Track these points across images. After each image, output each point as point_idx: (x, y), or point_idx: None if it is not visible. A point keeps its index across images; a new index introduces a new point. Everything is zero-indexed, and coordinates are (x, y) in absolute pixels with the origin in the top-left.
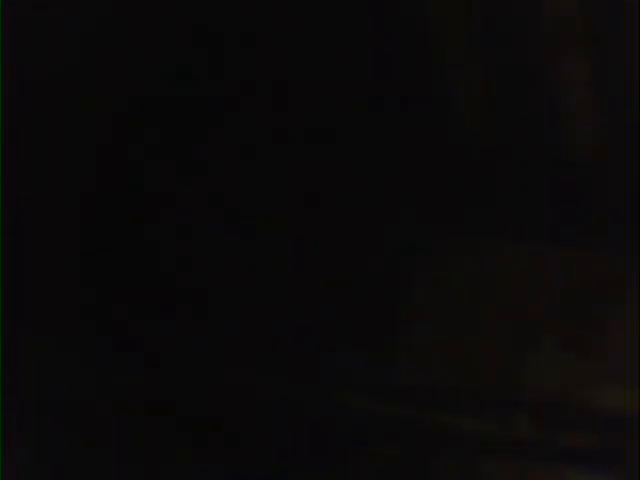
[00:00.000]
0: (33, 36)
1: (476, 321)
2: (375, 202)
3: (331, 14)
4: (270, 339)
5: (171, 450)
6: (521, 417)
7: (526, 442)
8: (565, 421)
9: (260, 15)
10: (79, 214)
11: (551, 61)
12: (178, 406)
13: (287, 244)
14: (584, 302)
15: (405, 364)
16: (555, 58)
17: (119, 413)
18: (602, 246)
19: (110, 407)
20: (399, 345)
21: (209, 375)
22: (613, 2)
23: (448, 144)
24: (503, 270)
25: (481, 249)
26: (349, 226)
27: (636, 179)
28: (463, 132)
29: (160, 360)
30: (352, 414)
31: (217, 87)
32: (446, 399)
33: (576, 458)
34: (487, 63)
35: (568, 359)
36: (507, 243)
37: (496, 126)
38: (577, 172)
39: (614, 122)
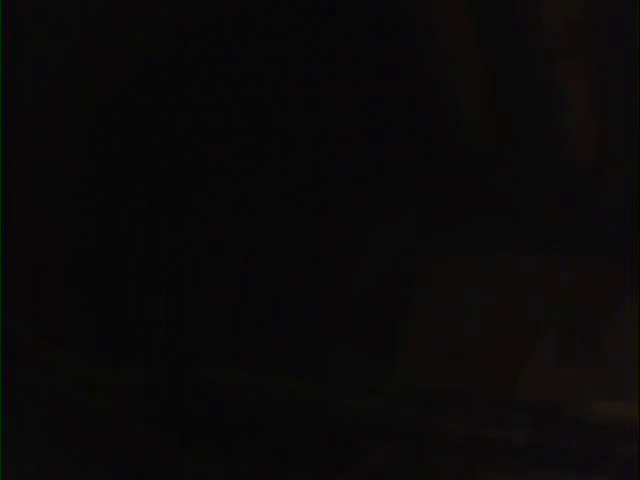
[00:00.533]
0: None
1: (475, 325)
2: (376, 204)
3: (330, 15)
4: (270, 340)
5: (172, 450)
6: (519, 420)
7: (524, 445)
8: (562, 425)
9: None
10: (79, 214)
11: (551, 64)
12: (179, 406)
13: (288, 245)
14: (583, 307)
15: (404, 366)
16: (556, 61)
17: (119, 413)
18: (602, 253)
19: (110, 407)
20: (398, 347)
21: (208, 375)
22: (614, 5)
23: (448, 148)
24: (502, 274)
25: (480, 253)
26: (350, 227)
27: (635, 186)
28: (463, 136)
29: (161, 360)
30: (351, 415)
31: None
32: (444, 402)
33: (573, 462)
34: (487, 64)
35: (566, 363)
36: (506, 247)
37: (496, 131)
38: (577, 178)
39: (614, 126)
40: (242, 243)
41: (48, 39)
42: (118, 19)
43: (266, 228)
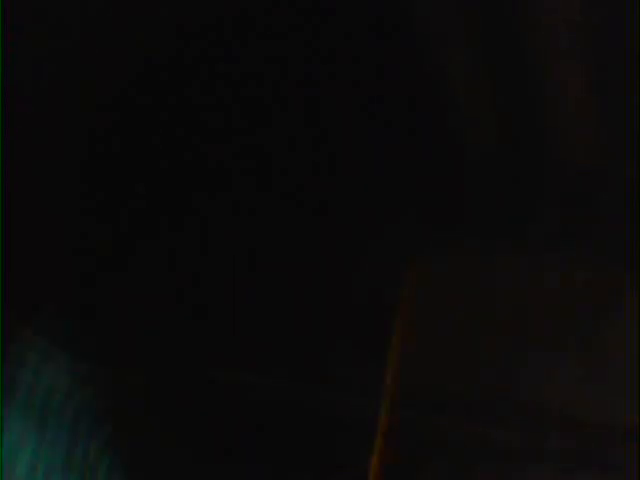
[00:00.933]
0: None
1: (475, 325)
2: (376, 204)
3: (330, 15)
4: (270, 339)
5: (171, 450)
6: (519, 421)
7: (524, 446)
8: (562, 425)
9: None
10: (79, 214)
11: (551, 64)
12: (179, 405)
13: (287, 245)
14: (583, 307)
15: (404, 366)
16: (556, 61)
17: (119, 413)
18: (601, 253)
19: (110, 407)
20: (398, 347)
21: (208, 375)
22: (614, 5)
23: (448, 148)
24: (502, 274)
25: (480, 253)
26: (350, 228)
27: (635, 186)
28: (463, 136)
29: (161, 360)
30: (351, 415)
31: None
32: (444, 402)
33: (573, 462)
34: (487, 64)
35: (567, 363)
36: (506, 247)
37: (496, 131)
38: (577, 178)
39: (614, 126)
40: (242, 243)
41: (48, 39)
42: (118, 19)
43: (266, 228)
